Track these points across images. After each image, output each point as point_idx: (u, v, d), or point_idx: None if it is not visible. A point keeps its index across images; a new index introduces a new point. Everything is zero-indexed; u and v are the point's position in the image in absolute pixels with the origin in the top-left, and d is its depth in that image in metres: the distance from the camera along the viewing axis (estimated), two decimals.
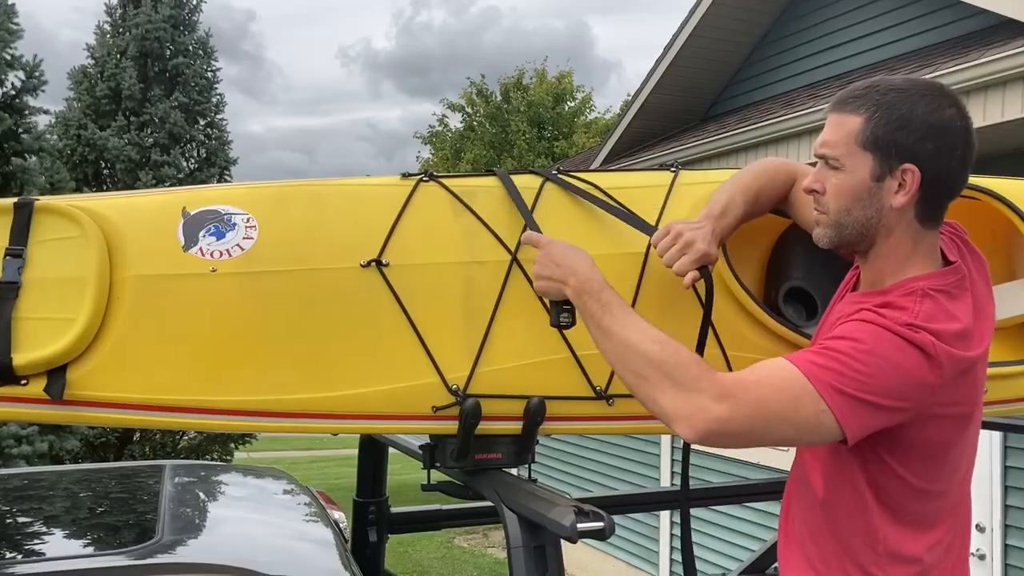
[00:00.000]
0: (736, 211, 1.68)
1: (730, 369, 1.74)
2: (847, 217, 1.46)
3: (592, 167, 8.67)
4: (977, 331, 1.44)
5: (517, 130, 24.66)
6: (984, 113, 4.73)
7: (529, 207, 1.74)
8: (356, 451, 2.48)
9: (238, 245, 1.56)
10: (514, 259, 1.68)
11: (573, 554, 7.73)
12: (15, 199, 1.54)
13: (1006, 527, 4.55)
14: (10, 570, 1.62)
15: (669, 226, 1.62)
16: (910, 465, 1.42)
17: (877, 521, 1.45)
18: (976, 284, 1.51)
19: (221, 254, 1.55)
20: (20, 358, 1.43)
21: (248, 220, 1.59)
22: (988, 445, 4.62)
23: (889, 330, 1.36)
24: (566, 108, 25.96)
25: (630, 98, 9.32)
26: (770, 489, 2.94)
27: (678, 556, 7.14)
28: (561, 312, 1.54)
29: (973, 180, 2.14)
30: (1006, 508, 4.56)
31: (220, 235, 1.56)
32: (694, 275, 1.58)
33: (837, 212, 1.47)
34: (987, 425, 2.39)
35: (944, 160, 1.42)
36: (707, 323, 1.63)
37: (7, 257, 1.48)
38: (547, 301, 1.59)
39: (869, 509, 1.46)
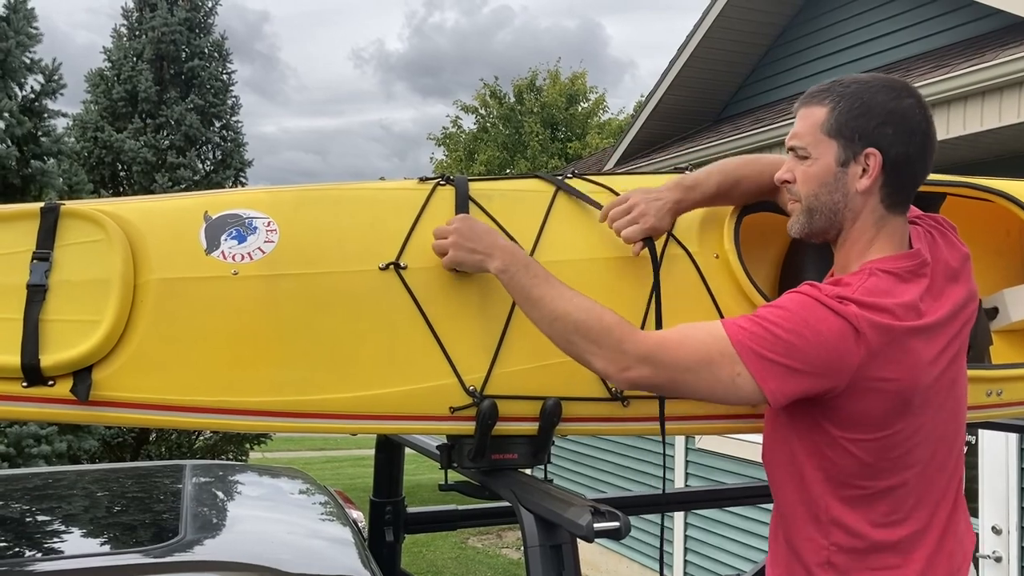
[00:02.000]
0: (707, 189, 1.75)
1: None
2: (815, 202, 1.56)
3: (605, 168, 8.67)
4: (926, 310, 1.48)
5: (530, 131, 24.68)
6: (1000, 114, 4.71)
7: (545, 210, 1.76)
8: (370, 451, 2.49)
9: (259, 248, 1.59)
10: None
11: (587, 555, 7.74)
12: (42, 204, 1.57)
13: (1022, 529, 4.53)
14: (40, 567, 1.65)
15: (627, 194, 1.71)
16: (850, 433, 1.48)
17: (818, 489, 1.52)
18: (937, 275, 1.55)
19: (242, 257, 1.57)
20: (47, 359, 1.46)
21: (269, 224, 1.61)
22: (1005, 447, 4.60)
23: (817, 300, 1.43)
24: (579, 109, 25.95)
25: (644, 99, 9.31)
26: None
27: (692, 557, 7.14)
28: None
29: (986, 182, 2.14)
30: (1023, 510, 4.54)
31: (241, 238, 1.59)
32: (639, 245, 1.67)
33: (806, 198, 1.57)
34: (1003, 427, 2.40)
35: (903, 145, 1.51)
36: (658, 297, 1.69)
37: (34, 260, 1.51)
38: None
39: (808, 477, 1.52)
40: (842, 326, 1.41)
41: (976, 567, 4.68)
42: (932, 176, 2.08)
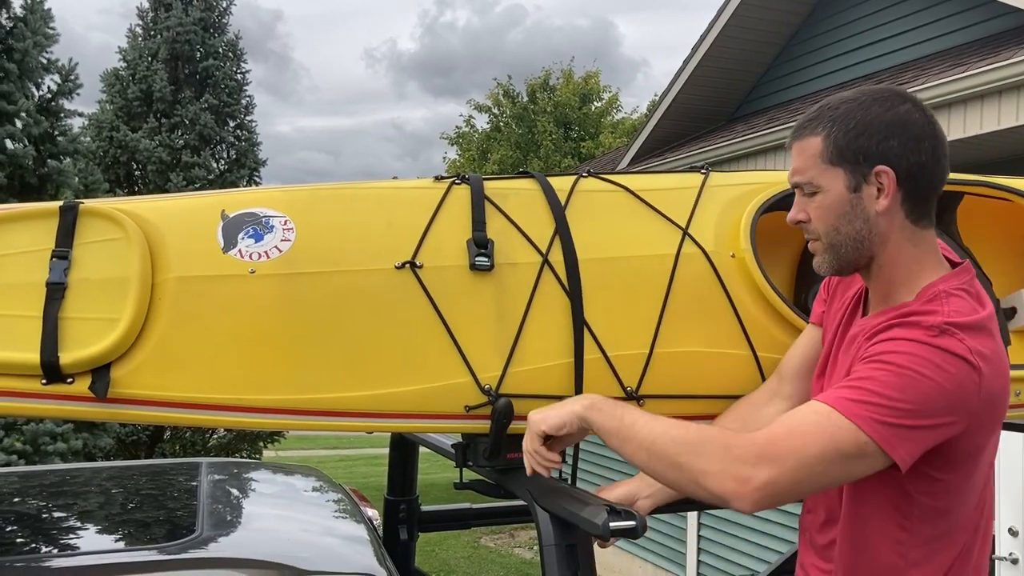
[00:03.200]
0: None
1: (761, 370, 1.75)
2: (837, 236, 1.45)
3: (619, 168, 8.66)
4: (997, 329, 1.42)
5: (544, 131, 24.66)
6: (1017, 112, 4.68)
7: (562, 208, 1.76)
8: (383, 450, 2.50)
9: (276, 247, 1.59)
10: (545, 261, 1.70)
11: (600, 555, 7.72)
12: (61, 202, 1.58)
13: None
14: (57, 563, 1.66)
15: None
16: (945, 473, 1.38)
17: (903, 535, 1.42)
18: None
19: (259, 256, 1.58)
20: (66, 357, 1.47)
21: (285, 223, 1.62)
22: (1022, 448, 4.56)
23: (922, 343, 1.32)
24: (593, 108, 25.92)
25: (657, 98, 9.30)
26: None
27: (705, 558, 7.12)
28: None
29: (1005, 181, 2.13)
30: None
31: (258, 237, 1.59)
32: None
33: (827, 234, 1.46)
34: (1021, 428, 2.38)
35: (913, 154, 1.42)
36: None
37: (54, 259, 1.52)
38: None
39: (894, 522, 1.43)
40: (959, 367, 1.31)
41: (992, 569, 4.65)
42: (949, 175, 2.07)
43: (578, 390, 1.66)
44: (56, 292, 1.50)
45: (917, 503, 1.41)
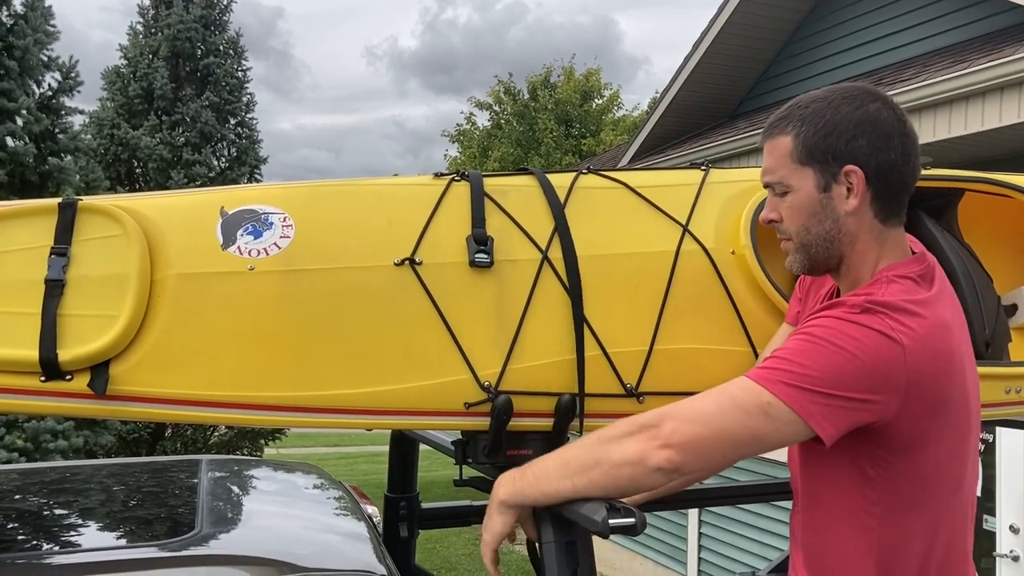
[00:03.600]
0: None
1: None
2: (808, 236, 1.46)
3: (620, 166, 8.66)
4: (954, 321, 1.41)
5: (544, 128, 24.65)
6: (1019, 109, 4.67)
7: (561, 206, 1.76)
8: (383, 448, 2.50)
9: (275, 244, 1.59)
10: (545, 257, 1.69)
11: (600, 552, 7.73)
12: (60, 199, 1.58)
13: None
14: (57, 560, 1.66)
15: None
16: (903, 457, 1.37)
17: (873, 523, 1.42)
18: (946, 281, 1.48)
19: (258, 252, 1.58)
20: (65, 354, 1.47)
21: (285, 219, 1.62)
22: (1023, 445, 4.56)
23: (841, 319, 1.33)
24: (594, 106, 25.90)
25: (658, 95, 9.29)
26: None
27: (706, 555, 7.12)
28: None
29: (1006, 178, 2.13)
30: None
31: (257, 234, 1.59)
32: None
33: (798, 233, 1.47)
34: (1022, 425, 2.38)
35: (882, 152, 1.41)
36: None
37: (52, 256, 1.52)
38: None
39: (860, 510, 1.42)
40: (877, 340, 1.31)
41: (993, 567, 4.65)
42: (950, 171, 2.07)
43: (580, 387, 1.65)
44: (55, 289, 1.50)
45: (879, 487, 1.40)
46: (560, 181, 1.82)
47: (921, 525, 1.42)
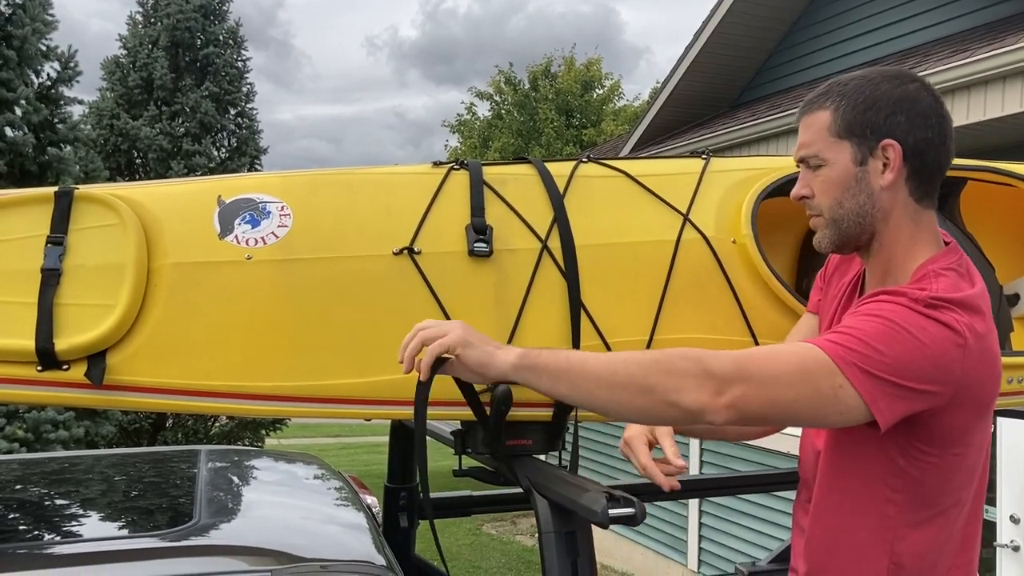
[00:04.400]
0: None
1: None
2: (840, 210, 1.44)
3: (621, 155, 8.63)
4: (988, 310, 1.41)
5: (545, 118, 24.59)
6: (1022, 98, 4.65)
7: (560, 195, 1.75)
8: (384, 438, 2.49)
9: (272, 233, 1.58)
10: (544, 247, 1.68)
11: (600, 542, 7.75)
12: (56, 188, 1.57)
13: None
14: (57, 549, 1.66)
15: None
16: (936, 449, 1.37)
17: (890, 511, 1.41)
18: (978, 273, 1.48)
19: (256, 242, 1.57)
20: (62, 343, 1.46)
21: (282, 208, 1.61)
22: (1023, 436, 4.56)
23: (911, 309, 1.32)
24: (595, 96, 25.84)
25: (659, 85, 9.26)
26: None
27: (707, 545, 7.13)
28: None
29: (1009, 167, 2.11)
30: None
31: (255, 223, 1.58)
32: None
33: (830, 208, 1.45)
34: (1022, 415, 2.37)
35: (920, 130, 1.42)
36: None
37: (48, 245, 1.51)
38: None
39: (886, 501, 1.42)
40: (945, 334, 1.30)
41: (994, 557, 4.65)
42: (953, 161, 2.06)
43: None
44: (51, 278, 1.49)
45: (906, 477, 1.40)
46: (560, 170, 1.81)
47: (939, 515, 1.43)
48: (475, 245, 1.64)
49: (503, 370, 1.35)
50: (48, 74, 7.58)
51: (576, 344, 1.66)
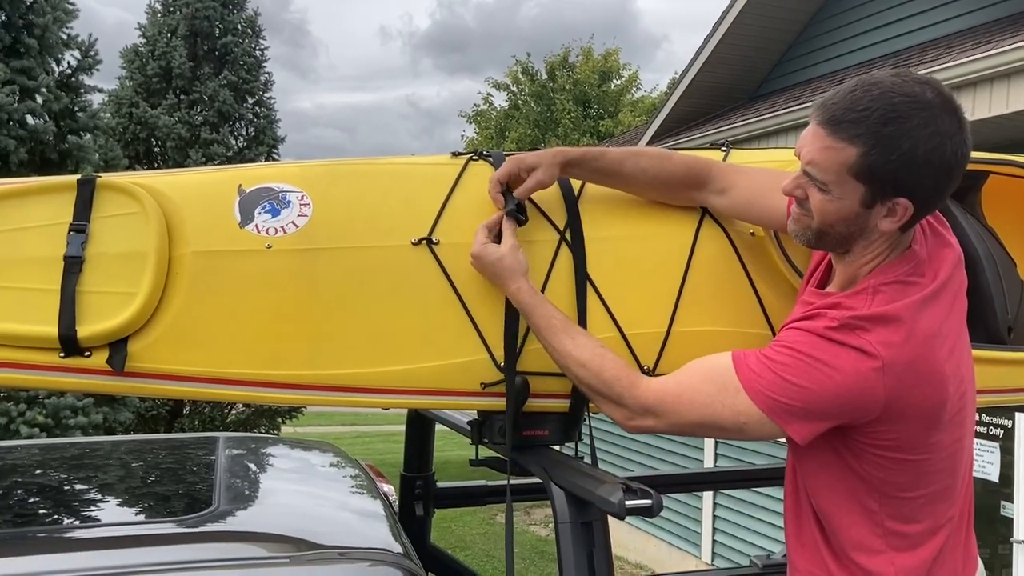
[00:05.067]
0: (595, 153, 1.71)
1: None
2: (830, 230, 1.42)
3: (639, 146, 8.60)
4: (948, 317, 1.41)
5: (562, 109, 24.54)
6: None
7: (578, 187, 1.75)
8: (399, 427, 2.50)
9: (292, 222, 1.59)
10: (563, 238, 1.68)
11: (615, 533, 7.74)
12: (79, 176, 1.58)
13: None
14: (77, 534, 1.68)
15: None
16: (889, 453, 1.40)
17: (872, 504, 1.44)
18: (933, 263, 1.45)
19: (276, 231, 1.58)
20: (84, 330, 1.48)
21: (302, 198, 1.62)
22: None
23: (823, 337, 1.36)
24: (612, 86, 25.75)
25: (678, 76, 9.21)
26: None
27: (720, 537, 7.13)
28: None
29: (1020, 158, 2.09)
30: None
31: (275, 212, 1.59)
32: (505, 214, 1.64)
33: (821, 224, 1.41)
34: None
35: (941, 193, 1.38)
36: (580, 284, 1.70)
37: (71, 232, 1.52)
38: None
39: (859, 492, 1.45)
40: (857, 360, 1.33)
41: (1010, 552, 4.63)
42: (974, 154, 2.04)
43: None
44: (73, 266, 1.50)
45: (868, 475, 1.42)
46: None
47: (924, 509, 1.44)
48: (514, 209, 1.62)
49: (508, 292, 1.59)
50: (68, 63, 7.63)
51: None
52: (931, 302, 1.40)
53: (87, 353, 1.50)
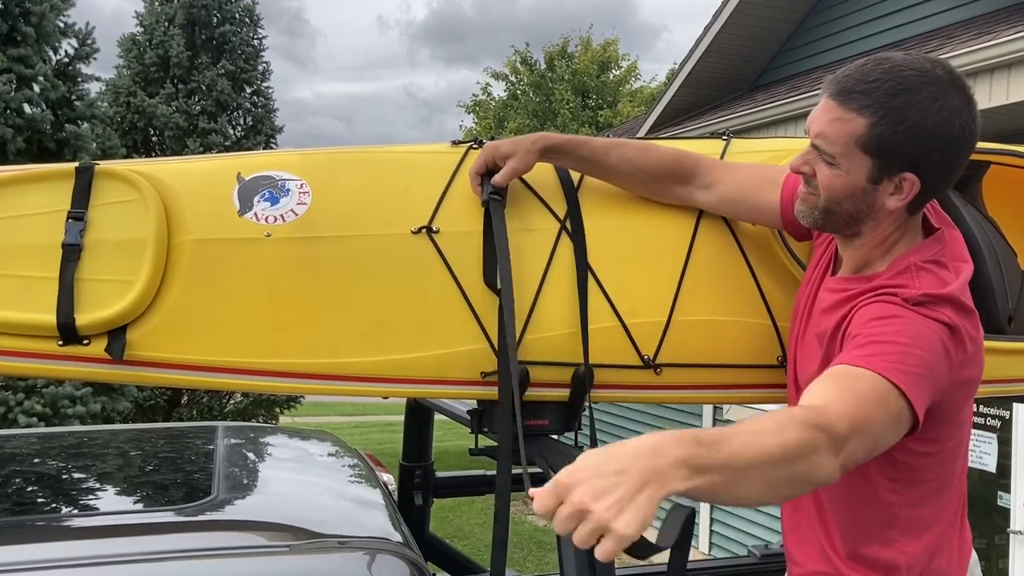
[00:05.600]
0: (578, 141, 1.68)
1: (780, 339, 1.73)
2: (837, 208, 1.42)
3: (638, 137, 8.59)
4: (968, 298, 1.42)
5: (561, 99, 24.47)
6: None
7: (578, 177, 1.74)
8: (398, 417, 2.50)
9: (292, 211, 1.58)
10: (563, 227, 1.68)
11: None
12: (77, 163, 1.57)
13: None
14: (75, 523, 1.68)
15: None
16: (927, 435, 1.33)
17: (888, 498, 1.43)
18: (964, 250, 1.49)
19: (275, 219, 1.57)
20: (82, 318, 1.47)
21: (302, 186, 1.61)
22: None
23: (908, 308, 1.32)
24: (611, 77, 25.68)
25: (677, 66, 9.19)
26: None
27: (718, 527, 7.15)
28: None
29: (1021, 148, 2.09)
30: None
31: (274, 200, 1.58)
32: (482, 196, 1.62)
33: (828, 201, 1.42)
34: None
35: (947, 171, 1.38)
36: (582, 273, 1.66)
37: (69, 220, 1.52)
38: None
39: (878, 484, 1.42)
40: (939, 329, 1.31)
41: (1007, 543, 4.64)
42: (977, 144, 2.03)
43: (585, 358, 1.63)
44: (72, 253, 1.50)
45: (902, 467, 1.41)
46: None
47: (936, 492, 1.45)
48: (490, 196, 1.61)
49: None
50: (66, 51, 7.61)
51: (584, 321, 1.64)
52: (966, 276, 1.43)
53: (85, 341, 1.49)
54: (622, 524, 0.91)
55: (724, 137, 1.92)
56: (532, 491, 0.98)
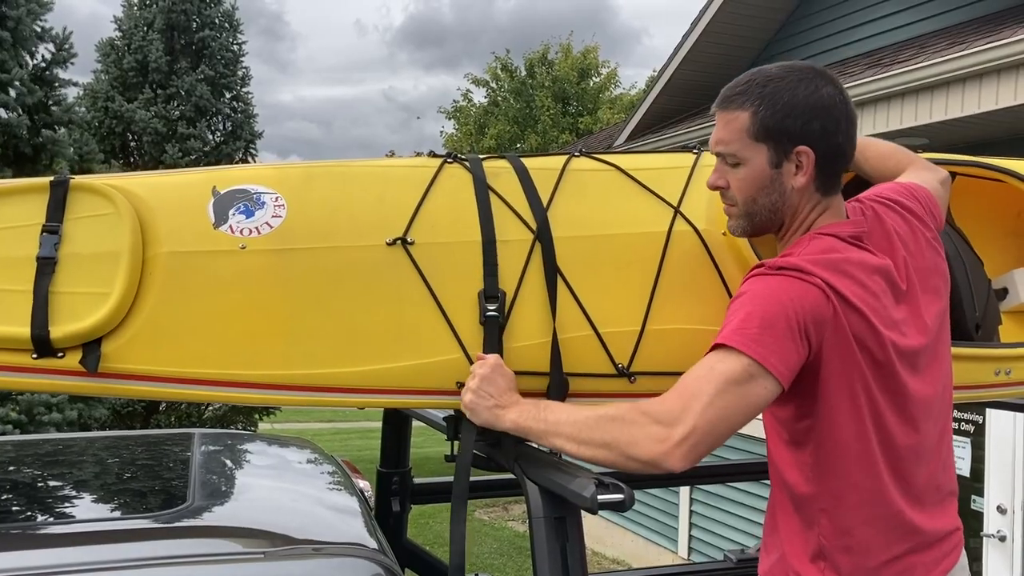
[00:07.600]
0: None
1: None
2: (754, 206, 1.56)
3: (616, 143, 8.63)
4: (878, 275, 1.50)
5: (541, 106, 24.52)
6: (1016, 92, 4.67)
7: (551, 188, 1.76)
8: (377, 424, 2.51)
9: (267, 223, 1.59)
10: (537, 238, 1.70)
11: (591, 528, 7.79)
12: (51, 178, 1.57)
13: None
14: (51, 530, 1.67)
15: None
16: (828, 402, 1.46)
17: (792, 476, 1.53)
18: (880, 245, 1.56)
19: (250, 231, 1.58)
20: (57, 331, 1.47)
21: (277, 199, 1.62)
22: (1012, 426, 4.60)
23: (764, 275, 1.46)
24: (591, 84, 25.77)
25: (656, 73, 9.24)
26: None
27: (697, 532, 7.19)
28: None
29: (998, 162, 2.13)
30: None
31: (249, 213, 1.59)
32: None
33: (745, 203, 1.57)
34: (1011, 406, 2.40)
35: (832, 136, 1.52)
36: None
37: (44, 233, 1.52)
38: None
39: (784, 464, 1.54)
40: (804, 288, 1.42)
41: (981, 546, 4.70)
42: (940, 155, 2.08)
43: (556, 365, 1.65)
44: (46, 266, 1.50)
45: (804, 451, 1.50)
46: (553, 163, 1.82)
47: (837, 463, 1.49)
48: (487, 313, 1.62)
49: (504, 429, 1.55)
50: (43, 56, 7.57)
51: (554, 336, 1.67)
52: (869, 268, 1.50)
53: (60, 354, 1.49)
54: (468, 399, 1.56)
55: (695, 151, 1.95)
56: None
